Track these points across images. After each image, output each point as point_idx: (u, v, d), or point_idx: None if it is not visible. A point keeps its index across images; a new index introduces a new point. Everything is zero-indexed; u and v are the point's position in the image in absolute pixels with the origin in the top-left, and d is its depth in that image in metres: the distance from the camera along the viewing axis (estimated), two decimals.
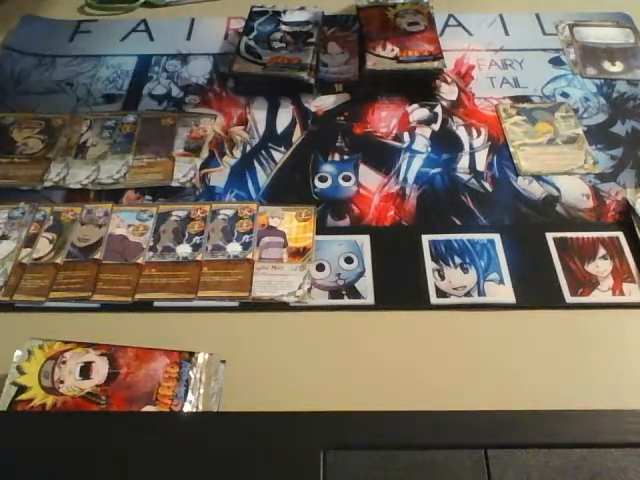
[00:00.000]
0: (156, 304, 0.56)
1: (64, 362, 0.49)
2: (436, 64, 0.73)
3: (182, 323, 0.55)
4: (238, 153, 0.69)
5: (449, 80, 0.76)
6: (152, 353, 0.49)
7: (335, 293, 0.56)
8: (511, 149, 0.68)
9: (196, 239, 0.60)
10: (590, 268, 0.57)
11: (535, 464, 0.40)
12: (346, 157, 0.68)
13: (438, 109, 0.73)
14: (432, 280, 0.57)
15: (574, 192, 0.64)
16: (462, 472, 0.40)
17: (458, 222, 0.61)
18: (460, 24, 0.84)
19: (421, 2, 0.82)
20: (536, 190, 0.64)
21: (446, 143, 0.69)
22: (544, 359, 0.51)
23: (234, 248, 0.59)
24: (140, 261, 0.58)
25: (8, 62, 0.80)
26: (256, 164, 0.67)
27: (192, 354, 0.50)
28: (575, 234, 0.60)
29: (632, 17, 0.83)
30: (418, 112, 0.72)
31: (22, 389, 0.47)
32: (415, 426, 0.43)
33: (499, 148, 0.68)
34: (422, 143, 0.69)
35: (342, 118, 0.72)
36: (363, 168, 0.67)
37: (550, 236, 0.60)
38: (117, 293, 0.56)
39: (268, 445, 0.42)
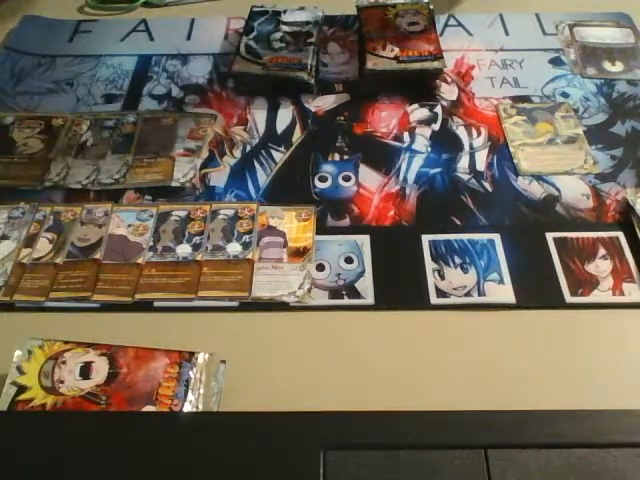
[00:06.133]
0: (156, 304, 0.56)
1: (64, 362, 0.49)
2: (436, 64, 0.73)
3: (182, 323, 0.54)
4: (238, 153, 0.69)
5: (449, 80, 0.76)
6: (152, 353, 0.49)
7: (335, 293, 0.56)
8: (511, 149, 0.68)
9: (196, 239, 0.60)
10: (590, 268, 0.57)
11: (535, 464, 0.40)
12: (346, 157, 0.68)
13: (438, 109, 0.73)
14: (432, 280, 0.57)
15: (574, 192, 0.64)
16: (462, 472, 0.40)
17: (458, 222, 0.61)
18: (460, 24, 0.84)
19: (421, 2, 0.81)
20: (536, 190, 0.64)
21: (446, 143, 0.69)
22: (544, 359, 0.51)
23: (234, 248, 0.59)
24: (140, 261, 0.58)
25: (8, 62, 0.80)
26: (256, 164, 0.67)
27: (192, 354, 0.50)
28: (575, 234, 0.60)
29: (632, 17, 0.83)
30: (418, 112, 0.72)
31: (22, 389, 0.47)
32: (415, 426, 0.43)
33: (499, 148, 0.68)
34: (422, 143, 0.69)
35: (342, 118, 0.72)
36: (363, 168, 0.66)
37: (550, 236, 0.60)
38: (117, 293, 0.56)
39: (268, 445, 0.42)
